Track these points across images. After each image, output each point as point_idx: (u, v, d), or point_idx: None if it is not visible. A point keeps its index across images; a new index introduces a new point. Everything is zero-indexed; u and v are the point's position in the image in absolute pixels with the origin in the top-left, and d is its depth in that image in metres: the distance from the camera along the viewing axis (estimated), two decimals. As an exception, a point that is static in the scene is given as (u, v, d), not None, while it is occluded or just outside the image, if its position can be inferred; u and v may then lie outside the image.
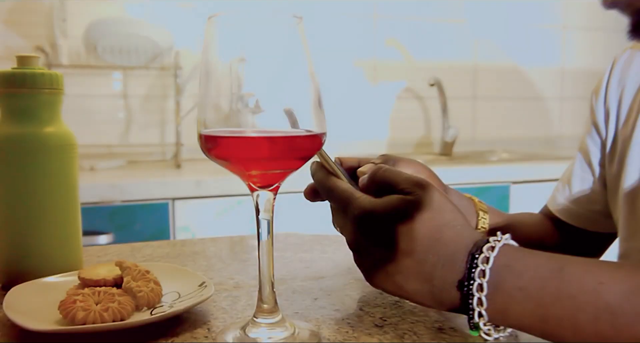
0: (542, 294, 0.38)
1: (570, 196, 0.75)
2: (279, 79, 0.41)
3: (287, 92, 0.40)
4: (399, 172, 0.45)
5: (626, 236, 0.66)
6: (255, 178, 0.41)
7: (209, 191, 1.45)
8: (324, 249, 0.73)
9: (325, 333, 0.44)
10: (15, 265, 0.55)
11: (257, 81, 0.41)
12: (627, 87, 0.69)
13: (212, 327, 0.46)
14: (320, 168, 0.49)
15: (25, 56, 0.55)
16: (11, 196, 0.55)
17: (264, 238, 0.43)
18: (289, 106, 0.40)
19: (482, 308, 0.39)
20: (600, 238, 0.75)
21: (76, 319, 0.42)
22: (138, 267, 0.50)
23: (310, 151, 0.41)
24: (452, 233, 0.42)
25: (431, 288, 0.41)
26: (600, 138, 0.73)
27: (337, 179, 0.48)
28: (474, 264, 0.40)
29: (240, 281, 0.59)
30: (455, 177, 1.69)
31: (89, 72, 1.79)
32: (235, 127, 0.40)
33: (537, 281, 0.39)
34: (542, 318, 0.38)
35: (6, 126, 0.55)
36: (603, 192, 0.73)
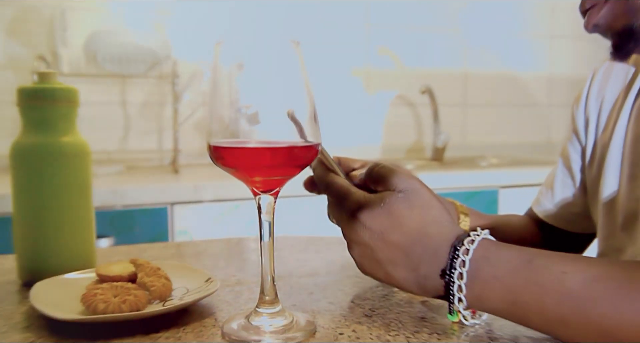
0: (513, 282, 0.43)
1: (553, 200, 0.80)
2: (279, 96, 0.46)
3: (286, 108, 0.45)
4: (393, 170, 0.51)
5: (604, 236, 0.71)
6: (258, 183, 0.46)
7: (207, 196, 1.50)
8: (318, 249, 0.78)
9: (320, 322, 0.50)
10: (35, 263, 0.60)
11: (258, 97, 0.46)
12: (607, 97, 0.74)
13: (218, 317, 0.51)
14: (320, 163, 0.54)
15: (45, 72, 0.60)
16: (31, 200, 0.60)
17: (265, 236, 0.48)
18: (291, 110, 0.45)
19: (462, 294, 0.45)
20: (580, 237, 0.80)
21: (97, 310, 0.47)
22: (150, 264, 0.55)
23: (307, 159, 0.46)
24: (438, 228, 0.47)
25: (417, 276, 0.46)
26: (580, 145, 0.78)
27: (335, 175, 0.53)
28: (455, 255, 0.45)
29: (241, 278, 0.64)
30: (446, 182, 1.74)
31: (89, 80, 1.83)
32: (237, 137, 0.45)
33: (509, 270, 0.44)
34: (513, 302, 0.43)
35: (27, 136, 0.60)
36: (583, 195, 0.78)
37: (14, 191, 0.61)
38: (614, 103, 0.73)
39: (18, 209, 0.60)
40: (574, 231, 0.80)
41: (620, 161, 0.69)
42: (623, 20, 0.58)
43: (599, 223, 0.72)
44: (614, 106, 0.73)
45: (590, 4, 0.60)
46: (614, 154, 0.70)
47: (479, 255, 0.45)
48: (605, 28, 0.60)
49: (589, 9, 0.61)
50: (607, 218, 0.70)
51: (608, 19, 0.59)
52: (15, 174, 0.60)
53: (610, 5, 0.59)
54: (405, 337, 0.46)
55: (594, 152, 0.75)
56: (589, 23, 0.61)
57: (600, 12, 0.59)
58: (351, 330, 0.48)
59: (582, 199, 0.78)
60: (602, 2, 0.59)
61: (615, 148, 0.70)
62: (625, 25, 0.58)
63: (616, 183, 0.69)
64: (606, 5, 0.59)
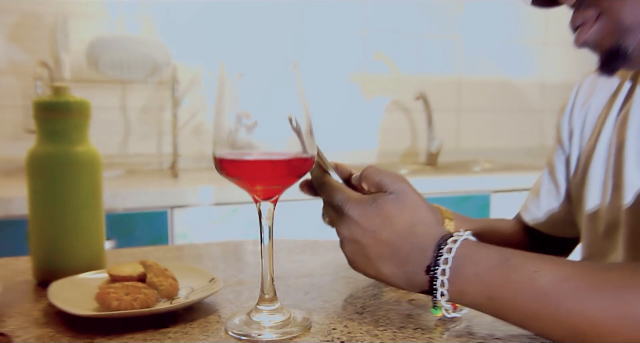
0: (491, 279, 0.48)
1: (539, 207, 0.84)
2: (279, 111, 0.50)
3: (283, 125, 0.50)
4: (384, 172, 0.55)
5: (588, 243, 0.75)
6: (259, 191, 0.51)
7: (206, 199, 1.54)
8: (313, 252, 0.83)
9: (315, 318, 0.54)
10: (50, 264, 0.65)
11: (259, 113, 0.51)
12: (592, 108, 0.77)
13: (222, 314, 0.55)
14: (317, 165, 0.58)
15: (59, 87, 0.65)
16: (46, 205, 0.64)
17: (265, 239, 0.53)
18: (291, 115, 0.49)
19: (444, 289, 0.49)
20: (566, 242, 0.84)
21: (111, 306, 0.52)
22: (158, 266, 0.59)
23: (303, 170, 0.51)
24: (425, 228, 0.52)
25: (405, 272, 0.51)
26: (564, 155, 0.81)
27: (330, 177, 0.57)
28: (439, 253, 0.50)
29: (242, 278, 0.68)
30: (439, 186, 1.79)
31: (90, 85, 1.87)
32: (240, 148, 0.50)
33: (488, 268, 0.48)
34: (490, 298, 0.48)
35: (43, 145, 0.64)
36: (568, 203, 0.81)
37: (30, 197, 0.65)
38: (599, 114, 0.76)
39: (34, 213, 0.65)
40: (559, 236, 0.83)
41: (604, 171, 0.72)
42: (611, 40, 0.60)
43: (583, 230, 0.76)
44: (598, 117, 0.76)
45: (580, 21, 0.62)
46: (597, 164, 0.73)
47: (461, 253, 0.49)
48: (594, 45, 0.62)
49: (579, 26, 0.62)
50: (590, 225, 0.74)
51: (597, 38, 0.61)
52: (31, 181, 0.64)
53: (600, 24, 0.60)
54: (392, 332, 0.51)
55: (578, 162, 0.78)
56: (579, 40, 0.63)
57: (590, 30, 0.61)
58: (343, 325, 0.53)
59: (567, 207, 0.81)
60: (592, 21, 0.61)
61: (598, 158, 0.73)
62: (613, 44, 0.60)
63: (599, 193, 0.72)
64: (596, 24, 0.60)
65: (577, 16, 0.61)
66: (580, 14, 0.61)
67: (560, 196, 0.81)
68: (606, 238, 0.70)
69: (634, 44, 0.58)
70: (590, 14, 0.60)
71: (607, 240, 0.69)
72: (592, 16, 0.60)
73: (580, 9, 0.61)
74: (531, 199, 0.85)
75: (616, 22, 0.59)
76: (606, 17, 0.59)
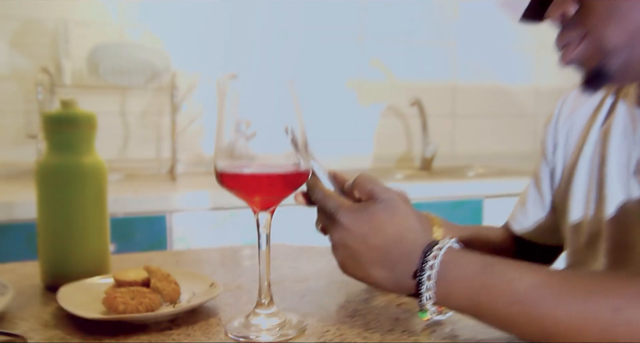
0: (472, 284, 0.51)
1: (526, 215, 0.87)
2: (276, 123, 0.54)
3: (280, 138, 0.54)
4: (375, 181, 0.59)
5: (571, 252, 0.78)
6: (257, 202, 0.54)
7: (204, 204, 1.57)
8: (309, 257, 0.86)
9: (310, 322, 0.58)
10: (57, 269, 0.68)
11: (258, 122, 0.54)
12: (576, 122, 0.80)
13: (222, 317, 0.59)
14: (311, 175, 0.60)
15: (67, 100, 0.68)
16: (54, 213, 0.68)
17: (263, 246, 0.56)
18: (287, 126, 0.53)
19: (430, 293, 0.53)
20: (551, 249, 0.87)
21: (118, 310, 0.55)
22: (161, 271, 0.63)
23: (298, 183, 0.54)
24: (412, 235, 0.55)
25: (393, 276, 0.54)
26: (549, 167, 0.84)
27: (324, 185, 0.60)
28: (425, 259, 0.53)
29: (240, 283, 0.72)
30: (433, 191, 1.81)
31: (90, 91, 1.90)
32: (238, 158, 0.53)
33: (469, 274, 0.52)
34: (472, 301, 0.51)
35: (51, 156, 0.68)
36: (553, 213, 0.84)
37: (38, 205, 0.68)
38: (583, 128, 0.79)
39: (42, 221, 0.68)
40: (546, 244, 0.87)
41: (586, 183, 0.75)
42: (595, 60, 0.63)
43: (567, 240, 0.79)
44: (582, 131, 0.79)
45: (565, 41, 0.65)
46: (580, 177, 0.76)
47: (445, 260, 0.53)
48: (579, 65, 0.65)
49: (565, 45, 0.66)
50: (573, 235, 0.77)
51: (581, 58, 0.64)
52: (40, 190, 0.68)
53: (584, 45, 0.63)
54: (380, 335, 0.54)
55: (563, 174, 0.81)
56: (564, 59, 0.66)
57: (575, 50, 0.64)
58: (336, 328, 0.56)
59: (552, 216, 0.84)
60: (577, 41, 0.64)
61: (582, 171, 0.76)
62: (597, 65, 0.63)
63: (582, 204, 0.75)
64: (580, 45, 0.64)
65: (563, 36, 0.65)
66: (566, 34, 0.64)
67: (546, 206, 0.85)
68: (588, 248, 0.73)
69: (616, 64, 0.62)
70: (576, 34, 0.63)
71: (589, 250, 0.73)
72: (577, 37, 0.63)
73: (566, 29, 0.64)
74: (518, 209, 0.88)
75: (600, 44, 0.62)
76: (591, 38, 0.62)
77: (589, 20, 0.62)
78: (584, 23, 0.62)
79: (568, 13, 0.63)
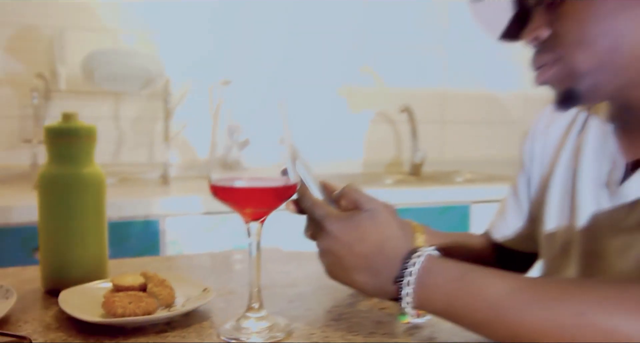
0: (448, 290, 0.55)
1: (506, 224, 0.91)
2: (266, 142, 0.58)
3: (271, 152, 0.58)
4: (361, 192, 0.63)
5: (546, 259, 0.82)
6: (248, 213, 0.58)
7: (197, 209, 1.60)
8: (299, 263, 0.90)
9: (298, 325, 0.62)
10: (58, 274, 0.71)
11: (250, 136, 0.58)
12: (551, 135, 0.84)
13: (214, 320, 0.63)
14: (301, 184, 0.64)
15: (68, 114, 0.71)
16: (55, 221, 0.71)
17: (253, 254, 0.60)
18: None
19: (410, 298, 0.56)
20: (529, 256, 0.91)
21: (117, 313, 0.59)
22: (157, 276, 0.66)
23: (287, 195, 0.58)
24: (394, 243, 0.59)
25: (376, 282, 0.58)
26: (526, 177, 0.88)
27: (312, 195, 0.64)
28: (405, 266, 0.57)
29: (232, 288, 0.75)
30: (421, 197, 1.85)
31: (85, 96, 1.93)
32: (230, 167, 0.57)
33: (446, 281, 0.56)
34: (448, 306, 0.55)
35: (53, 167, 0.71)
36: (530, 221, 0.88)
37: (40, 213, 0.72)
38: (558, 140, 0.83)
39: (44, 228, 0.72)
40: (524, 251, 0.91)
41: (560, 194, 0.79)
42: (566, 83, 0.68)
43: (542, 248, 0.83)
44: (557, 143, 0.83)
45: (540, 63, 0.69)
46: (555, 188, 0.80)
47: (424, 267, 0.57)
48: (555, 82, 0.69)
49: (539, 67, 0.70)
50: (548, 244, 0.81)
51: (554, 80, 0.69)
52: (42, 199, 0.71)
53: (556, 69, 0.68)
54: (363, 337, 0.58)
55: (539, 184, 0.85)
56: (538, 79, 0.70)
57: (549, 72, 0.68)
58: (321, 331, 0.60)
59: (530, 225, 0.88)
60: (551, 64, 0.68)
61: (556, 182, 0.80)
62: (568, 87, 0.68)
63: (556, 214, 0.79)
64: (553, 67, 0.68)
65: (538, 58, 0.69)
66: (541, 56, 0.69)
67: (524, 215, 0.89)
68: (561, 256, 0.77)
69: (586, 87, 0.66)
70: (549, 58, 0.68)
71: (563, 258, 0.77)
72: (551, 60, 0.68)
73: (540, 52, 0.69)
74: (498, 218, 0.92)
75: (571, 68, 0.66)
76: (563, 62, 0.67)
77: (560, 45, 0.66)
78: (555, 48, 0.67)
79: (541, 37, 0.68)
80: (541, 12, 0.68)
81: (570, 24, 0.65)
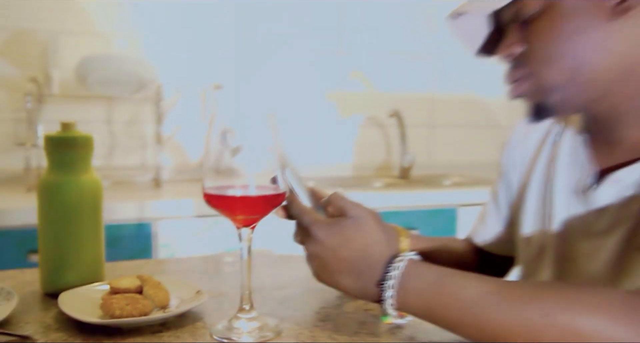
0: (427, 293, 0.59)
1: (486, 229, 0.94)
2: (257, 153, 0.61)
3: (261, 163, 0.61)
4: (346, 199, 0.67)
5: (523, 263, 0.86)
6: (239, 220, 0.62)
7: (189, 211, 1.63)
8: (288, 266, 0.94)
9: (287, 325, 0.65)
10: (56, 277, 0.74)
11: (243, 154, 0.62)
12: (529, 144, 0.88)
13: (207, 321, 0.66)
14: (290, 192, 0.68)
15: (67, 123, 0.75)
16: (54, 226, 0.74)
17: (244, 257, 0.63)
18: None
19: (391, 300, 0.60)
20: (508, 260, 0.95)
21: (115, 314, 0.62)
22: (153, 279, 0.70)
23: (276, 203, 0.62)
24: (378, 248, 0.63)
25: (360, 285, 0.62)
26: (505, 184, 0.92)
27: (301, 202, 0.67)
28: (388, 270, 0.61)
29: (224, 290, 0.79)
30: (410, 200, 1.89)
31: (78, 100, 1.95)
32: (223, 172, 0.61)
33: (425, 284, 0.59)
34: (427, 308, 0.59)
35: (52, 175, 0.74)
36: (510, 226, 0.92)
37: (40, 218, 0.75)
38: (535, 150, 0.87)
39: (43, 233, 0.75)
40: (505, 255, 0.94)
41: (537, 200, 0.83)
42: (537, 97, 0.72)
43: (519, 251, 0.87)
44: (534, 153, 0.87)
45: (513, 78, 0.74)
46: (532, 195, 0.84)
47: (405, 271, 0.60)
48: (528, 97, 0.74)
49: (513, 81, 0.74)
50: (525, 247, 0.85)
51: (527, 94, 0.73)
52: (41, 205, 0.74)
53: (528, 83, 0.72)
54: (348, 336, 0.62)
55: (517, 191, 0.89)
56: (512, 93, 0.75)
57: (521, 87, 0.73)
58: (309, 331, 0.63)
59: (509, 229, 0.92)
60: (523, 79, 0.72)
61: (533, 189, 0.84)
62: (539, 101, 0.72)
63: (533, 219, 0.83)
64: (525, 82, 0.72)
65: (512, 73, 0.74)
66: (514, 71, 0.73)
67: (503, 220, 0.93)
68: (537, 260, 0.81)
69: (556, 100, 0.71)
70: (522, 73, 0.72)
71: (538, 261, 0.81)
72: (523, 75, 0.72)
73: (514, 67, 0.73)
74: (479, 223, 0.96)
75: (541, 83, 0.71)
76: (534, 78, 0.71)
77: (531, 62, 0.71)
78: (527, 64, 0.71)
79: (514, 53, 0.72)
80: (514, 29, 0.72)
81: (539, 41, 0.69)
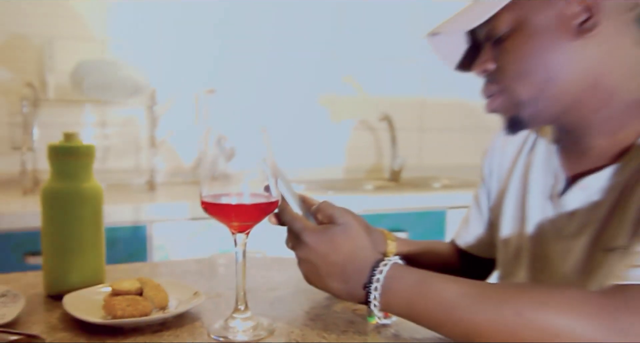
0: (410, 294, 0.63)
1: (469, 232, 0.99)
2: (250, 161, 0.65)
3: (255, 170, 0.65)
4: (335, 207, 0.71)
5: (502, 264, 0.90)
6: (234, 226, 0.66)
7: (183, 214, 1.66)
8: (280, 268, 0.98)
9: (279, 324, 0.69)
10: (59, 280, 0.78)
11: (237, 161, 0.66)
12: (507, 152, 0.93)
13: (204, 321, 0.70)
14: (282, 200, 0.72)
15: (69, 133, 0.78)
16: (57, 232, 0.78)
17: (239, 260, 0.67)
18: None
19: (377, 301, 0.64)
20: (490, 262, 0.99)
21: (117, 315, 0.66)
22: (152, 281, 0.73)
23: (269, 210, 0.66)
24: (364, 253, 0.67)
25: (347, 287, 0.66)
26: (486, 189, 0.97)
27: (292, 210, 0.71)
28: (373, 273, 0.65)
29: (220, 291, 0.83)
30: (400, 202, 1.93)
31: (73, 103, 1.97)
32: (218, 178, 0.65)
33: (408, 286, 0.63)
34: (409, 308, 0.63)
35: (55, 182, 0.78)
36: (491, 229, 0.96)
37: (43, 225, 0.78)
38: (512, 158, 0.92)
39: (47, 237, 0.78)
40: (487, 257, 0.99)
41: (514, 205, 0.87)
42: (511, 111, 0.77)
43: (498, 253, 0.91)
44: (511, 161, 0.92)
45: (489, 93, 0.79)
46: (509, 199, 0.89)
47: (389, 274, 0.65)
48: (503, 111, 0.78)
49: (488, 96, 0.79)
50: (503, 249, 0.90)
51: (501, 108, 0.78)
52: (45, 212, 0.78)
53: (502, 98, 0.77)
54: (337, 335, 0.66)
55: (497, 196, 0.94)
56: (488, 108, 0.80)
57: (496, 101, 0.78)
58: (300, 329, 0.68)
59: (490, 233, 0.97)
60: (497, 94, 0.77)
61: (510, 195, 0.89)
62: (513, 114, 0.77)
63: (510, 223, 0.88)
64: (499, 97, 0.77)
65: (487, 89, 0.79)
66: (489, 87, 0.79)
67: (485, 223, 0.97)
68: (514, 260, 0.86)
69: (528, 114, 0.76)
70: (496, 89, 0.77)
71: (515, 262, 0.86)
72: (497, 91, 0.77)
73: (489, 82, 0.78)
74: (462, 227, 1.01)
75: (513, 98, 0.76)
76: (507, 93, 0.76)
77: (503, 78, 0.76)
78: (500, 80, 0.76)
79: (488, 69, 0.77)
80: (489, 47, 0.77)
81: (511, 58, 0.74)
